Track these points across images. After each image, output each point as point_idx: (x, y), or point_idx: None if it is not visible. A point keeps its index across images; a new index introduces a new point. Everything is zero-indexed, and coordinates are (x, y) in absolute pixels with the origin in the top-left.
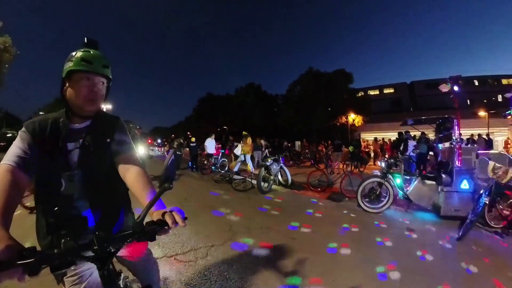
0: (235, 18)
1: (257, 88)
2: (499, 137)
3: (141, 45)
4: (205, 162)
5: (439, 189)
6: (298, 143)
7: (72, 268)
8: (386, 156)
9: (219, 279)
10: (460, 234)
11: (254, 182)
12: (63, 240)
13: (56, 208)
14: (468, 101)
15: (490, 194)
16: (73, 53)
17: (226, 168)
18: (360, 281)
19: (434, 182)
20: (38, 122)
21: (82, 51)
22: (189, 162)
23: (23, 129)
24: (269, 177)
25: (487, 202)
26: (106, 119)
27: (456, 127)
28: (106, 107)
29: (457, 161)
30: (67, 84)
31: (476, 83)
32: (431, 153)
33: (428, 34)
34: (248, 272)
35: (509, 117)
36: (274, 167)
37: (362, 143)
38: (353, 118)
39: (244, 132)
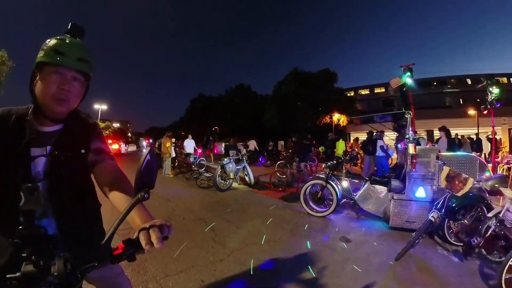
0: (230, 20)
1: (246, 88)
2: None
3: (139, 45)
4: (183, 161)
5: (390, 197)
6: (281, 143)
7: None
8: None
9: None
10: (399, 253)
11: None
12: (24, 263)
13: (20, 228)
14: (461, 100)
15: (442, 208)
16: (48, 41)
17: (204, 167)
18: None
19: (385, 188)
20: None
21: (57, 39)
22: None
23: None
24: (227, 175)
25: (434, 219)
26: (82, 125)
27: (410, 124)
28: (100, 107)
29: (410, 164)
30: (37, 77)
31: (469, 82)
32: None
33: (420, 33)
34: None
35: (485, 112)
36: (230, 166)
37: (347, 144)
38: (338, 117)
39: (167, 132)
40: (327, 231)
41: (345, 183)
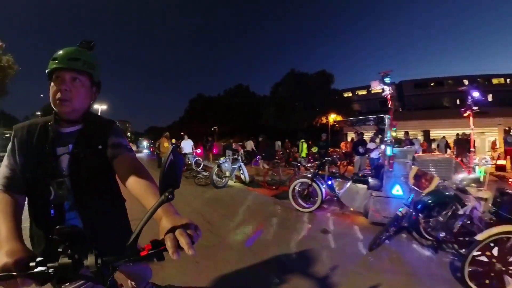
0: (229, 21)
1: (245, 89)
2: (491, 137)
3: (138, 45)
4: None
5: (369, 194)
6: (278, 143)
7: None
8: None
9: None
10: (371, 242)
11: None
12: (61, 256)
13: (58, 227)
14: (458, 100)
15: (410, 204)
16: None
17: (201, 166)
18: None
19: (365, 186)
20: (27, 127)
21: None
22: None
23: (12, 135)
24: (224, 174)
25: (401, 214)
26: (99, 123)
27: (388, 127)
28: (100, 107)
29: (386, 164)
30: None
31: (466, 83)
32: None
33: (417, 34)
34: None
35: (466, 113)
36: (226, 165)
37: (343, 144)
38: (334, 118)
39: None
40: (310, 224)
41: (329, 182)
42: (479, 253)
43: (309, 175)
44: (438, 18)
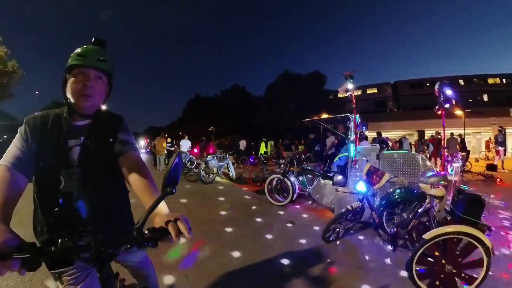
0: (229, 23)
1: (241, 89)
2: (487, 137)
3: (137, 46)
4: None
5: (335, 189)
6: (270, 143)
7: (70, 267)
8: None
9: None
10: (322, 233)
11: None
12: (60, 240)
13: (56, 209)
14: (453, 100)
15: (362, 199)
16: (75, 50)
17: (194, 164)
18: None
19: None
20: (39, 118)
21: (81, 47)
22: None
23: (24, 124)
24: (211, 170)
25: (351, 208)
26: (109, 118)
27: (352, 126)
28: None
29: (350, 162)
30: (68, 81)
31: (462, 83)
32: None
33: (413, 34)
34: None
35: (439, 112)
36: (213, 162)
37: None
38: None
39: (162, 133)
40: (279, 216)
41: (301, 177)
42: (426, 252)
43: (282, 171)
44: (435, 19)
